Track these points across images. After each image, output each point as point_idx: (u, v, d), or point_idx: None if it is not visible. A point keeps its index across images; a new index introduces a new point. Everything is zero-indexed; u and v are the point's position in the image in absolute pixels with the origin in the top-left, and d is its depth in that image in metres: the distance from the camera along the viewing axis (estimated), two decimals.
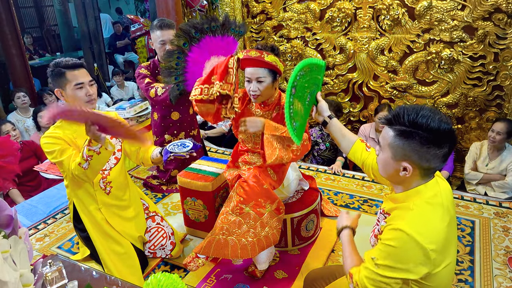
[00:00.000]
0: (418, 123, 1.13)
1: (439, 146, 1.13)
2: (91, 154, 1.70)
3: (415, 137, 1.13)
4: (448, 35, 3.19)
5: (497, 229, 2.44)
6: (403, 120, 1.15)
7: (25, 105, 4.27)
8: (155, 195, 3.05)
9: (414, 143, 1.14)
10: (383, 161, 1.23)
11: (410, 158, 1.15)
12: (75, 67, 1.83)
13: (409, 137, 1.14)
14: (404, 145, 1.15)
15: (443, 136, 1.12)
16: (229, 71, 1.86)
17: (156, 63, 2.85)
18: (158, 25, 2.67)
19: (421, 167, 1.17)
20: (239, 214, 1.90)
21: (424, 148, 1.13)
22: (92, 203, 1.97)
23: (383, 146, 1.22)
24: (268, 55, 1.86)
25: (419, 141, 1.13)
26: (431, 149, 1.13)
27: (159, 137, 2.99)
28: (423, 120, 1.12)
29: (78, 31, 7.66)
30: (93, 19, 7.29)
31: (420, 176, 1.20)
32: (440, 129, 1.11)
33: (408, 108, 1.17)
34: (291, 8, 3.69)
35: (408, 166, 1.16)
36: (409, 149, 1.15)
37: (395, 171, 1.20)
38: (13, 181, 1.74)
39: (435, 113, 1.14)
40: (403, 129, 1.15)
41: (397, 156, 1.18)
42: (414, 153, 1.14)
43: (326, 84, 3.78)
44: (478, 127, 3.37)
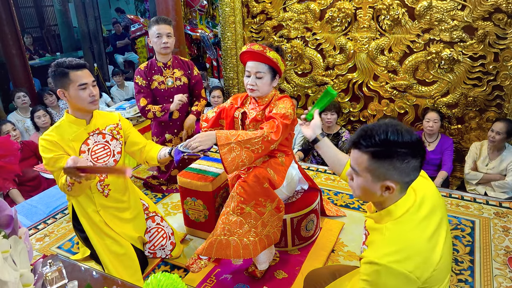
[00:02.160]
0: (391, 140, 1.10)
1: (415, 158, 1.12)
2: (73, 183, 1.72)
3: (393, 155, 1.11)
4: (448, 35, 3.19)
5: (497, 229, 2.44)
6: (374, 141, 1.12)
7: (25, 105, 4.26)
8: (155, 195, 3.05)
9: (394, 161, 1.11)
10: (362, 186, 1.19)
11: (392, 176, 1.13)
12: (78, 68, 1.83)
13: (387, 157, 1.11)
14: (384, 165, 1.12)
15: (416, 146, 1.12)
16: (235, 121, 2.02)
17: (154, 63, 2.87)
18: (155, 20, 2.75)
19: (403, 182, 1.15)
20: (240, 214, 1.91)
21: (404, 163, 1.11)
22: (90, 205, 1.97)
23: (360, 171, 1.18)
24: (270, 51, 1.89)
25: (398, 158, 1.10)
26: (410, 163, 1.11)
27: (160, 137, 3.00)
28: (395, 136, 1.10)
29: (78, 31, 7.66)
30: (93, 19, 7.29)
31: (399, 191, 1.17)
32: (413, 140, 1.11)
33: (373, 127, 1.14)
34: (291, 8, 3.69)
35: (391, 185, 1.13)
36: (390, 167, 1.12)
37: (376, 193, 1.17)
38: (13, 181, 1.75)
39: (400, 126, 1.12)
40: (377, 150, 1.12)
41: (378, 178, 1.14)
42: (395, 170, 1.12)
43: (326, 84, 3.78)
44: (478, 127, 3.37)
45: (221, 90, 4.32)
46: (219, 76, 5.98)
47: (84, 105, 1.86)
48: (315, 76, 3.78)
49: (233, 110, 2.07)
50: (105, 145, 1.98)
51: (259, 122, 2.03)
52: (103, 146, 1.97)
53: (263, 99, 2.05)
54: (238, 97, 2.19)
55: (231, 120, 2.08)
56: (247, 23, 3.95)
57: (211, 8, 6.68)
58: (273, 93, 2.06)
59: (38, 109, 3.76)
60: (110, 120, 2.05)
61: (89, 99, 1.85)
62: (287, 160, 2.14)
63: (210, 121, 2.17)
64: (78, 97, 1.84)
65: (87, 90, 1.84)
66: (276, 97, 2.05)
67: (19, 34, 4.87)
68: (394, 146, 1.10)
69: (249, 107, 2.10)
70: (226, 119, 2.10)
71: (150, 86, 2.84)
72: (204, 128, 2.18)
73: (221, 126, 2.19)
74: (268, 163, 2.06)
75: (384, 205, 1.20)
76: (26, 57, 5.07)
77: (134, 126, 3.81)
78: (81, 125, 1.92)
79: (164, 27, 2.72)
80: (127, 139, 2.09)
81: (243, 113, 2.04)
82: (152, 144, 2.13)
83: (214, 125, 2.16)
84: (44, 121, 3.69)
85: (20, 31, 4.93)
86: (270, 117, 1.95)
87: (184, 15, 5.66)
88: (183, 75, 2.93)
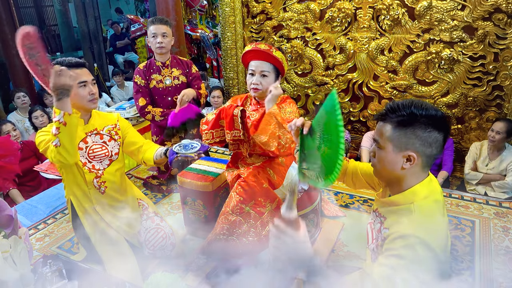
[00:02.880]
0: (415, 112, 1.15)
1: (438, 130, 1.15)
2: (58, 126, 1.64)
3: (416, 123, 1.15)
4: (448, 35, 3.18)
5: (497, 229, 2.44)
6: (400, 112, 1.17)
7: (25, 105, 4.26)
8: (155, 195, 3.05)
9: (416, 128, 1.15)
10: (384, 157, 1.21)
11: (413, 145, 1.16)
12: (78, 66, 1.84)
13: (410, 125, 1.15)
14: (406, 133, 1.16)
15: (440, 120, 1.15)
16: (234, 119, 1.99)
17: (153, 62, 2.90)
18: (151, 21, 2.79)
19: (424, 154, 1.17)
20: (240, 214, 1.91)
21: (426, 132, 1.15)
22: (87, 201, 1.98)
23: (382, 142, 1.20)
24: (276, 50, 1.89)
25: (420, 126, 1.14)
26: (432, 133, 1.15)
27: (159, 135, 3.00)
28: (419, 109, 1.15)
29: (78, 31, 7.66)
30: (93, 19, 7.29)
31: (421, 167, 1.19)
32: (438, 114, 1.15)
33: (400, 102, 1.19)
34: (291, 8, 3.69)
35: (413, 155, 1.16)
36: (412, 136, 1.15)
37: (397, 165, 1.19)
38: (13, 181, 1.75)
39: (426, 104, 1.18)
40: (401, 119, 1.16)
41: (399, 147, 1.17)
42: (417, 139, 1.15)
43: (326, 84, 3.78)
44: (478, 127, 3.37)
45: (221, 90, 4.32)
46: (219, 76, 5.98)
47: (83, 103, 1.86)
48: (315, 76, 3.78)
49: (232, 109, 2.06)
50: (103, 145, 1.98)
51: None
52: (101, 146, 1.98)
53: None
54: (238, 98, 2.19)
55: (230, 119, 2.07)
56: (247, 23, 3.95)
57: (211, 8, 6.69)
58: None
59: (35, 109, 3.76)
60: (109, 120, 2.05)
61: (89, 97, 1.86)
62: (287, 160, 2.14)
63: (210, 123, 2.14)
64: (78, 95, 1.84)
65: (87, 88, 1.85)
66: (279, 98, 2.05)
67: None
68: (417, 116, 1.14)
69: (250, 108, 2.09)
70: (226, 118, 2.09)
71: (148, 85, 2.86)
72: (205, 131, 2.15)
73: (221, 126, 2.17)
74: (268, 163, 2.06)
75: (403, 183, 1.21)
76: None
77: (134, 126, 3.81)
78: (79, 124, 1.92)
79: (160, 27, 2.74)
80: (124, 139, 2.09)
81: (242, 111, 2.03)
82: (150, 144, 2.12)
83: (214, 127, 2.13)
84: (42, 121, 3.69)
85: None
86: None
87: (184, 15, 5.66)
88: (181, 74, 2.94)
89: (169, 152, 1.91)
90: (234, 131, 1.97)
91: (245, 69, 4.08)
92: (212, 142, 2.11)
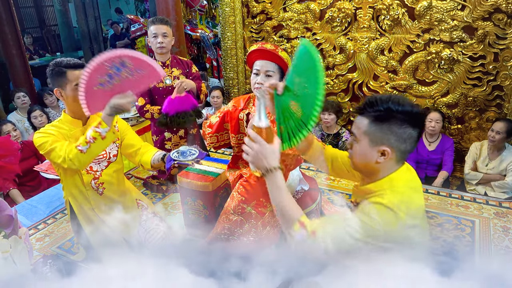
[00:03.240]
0: (392, 107, 1.18)
1: (413, 127, 1.19)
2: (96, 137, 1.70)
3: (392, 119, 1.18)
4: (448, 35, 3.18)
5: (497, 229, 2.44)
6: (377, 106, 1.20)
7: (25, 105, 4.26)
8: (155, 195, 3.05)
9: (391, 124, 1.18)
10: (360, 150, 1.25)
11: (388, 141, 1.20)
12: (76, 67, 1.82)
13: (385, 120, 1.19)
14: (382, 128, 1.20)
15: (416, 117, 1.19)
16: (240, 123, 2.00)
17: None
18: (151, 21, 2.80)
19: (399, 149, 1.21)
20: (241, 214, 1.91)
21: (401, 128, 1.18)
22: (86, 203, 1.98)
23: (359, 135, 1.25)
24: (282, 51, 1.89)
25: (396, 122, 1.18)
26: (407, 129, 1.19)
27: (159, 135, 3.00)
28: (396, 104, 1.18)
29: (78, 31, 7.67)
30: (93, 19, 7.29)
31: (395, 161, 1.24)
32: (413, 111, 1.19)
33: (378, 96, 1.22)
34: (291, 8, 3.69)
35: (387, 149, 1.20)
36: (387, 131, 1.19)
37: (372, 158, 1.23)
38: (13, 181, 1.75)
39: (404, 99, 1.20)
40: (378, 114, 1.20)
41: (375, 142, 1.21)
42: (392, 135, 1.19)
43: (326, 84, 3.78)
44: (478, 127, 3.37)
45: (220, 90, 4.32)
46: (219, 76, 5.98)
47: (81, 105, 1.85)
48: None
49: (237, 112, 2.05)
50: None
51: None
52: None
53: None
54: (240, 99, 2.16)
55: (236, 123, 2.06)
56: (247, 23, 3.95)
57: (211, 8, 6.68)
58: None
59: (34, 109, 3.75)
60: None
61: None
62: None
63: (214, 126, 2.13)
64: (75, 97, 1.82)
65: None
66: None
67: (19, 34, 4.87)
68: (393, 111, 1.18)
69: (253, 109, 2.09)
70: (231, 122, 2.08)
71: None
72: (209, 134, 2.14)
73: (226, 130, 2.16)
74: None
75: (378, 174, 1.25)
76: (26, 57, 5.07)
77: (134, 126, 3.81)
78: (77, 125, 1.91)
79: (160, 27, 2.74)
80: (123, 141, 2.08)
81: (247, 114, 2.03)
82: (148, 147, 2.10)
83: (218, 130, 2.12)
84: (41, 121, 3.69)
85: (20, 31, 4.93)
86: None
87: (184, 15, 5.66)
88: (181, 74, 2.94)
89: (167, 158, 1.89)
90: (239, 134, 1.98)
91: (244, 69, 4.09)
92: (217, 146, 2.14)
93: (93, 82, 1.62)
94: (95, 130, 1.70)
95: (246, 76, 4.14)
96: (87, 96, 1.64)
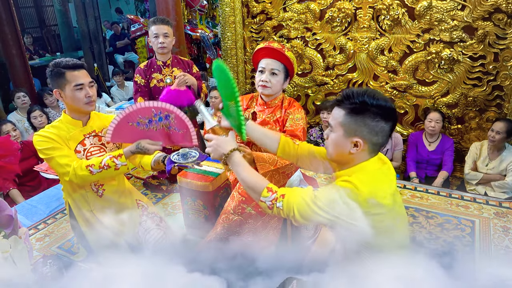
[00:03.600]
0: (367, 101, 1.25)
1: (386, 121, 1.26)
2: (111, 165, 1.77)
3: (366, 112, 1.25)
4: (448, 35, 3.18)
5: (497, 229, 2.44)
6: (353, 99, 1.27)
7: (25, 105, 4.26)
8: (155, 195, 3.05)
9: (365, 117, 1.25)
10: (334, 140, 1.32)
11: (361, 133, 1.27)
12: (75, 68, 1.81)
13: (360, 113, 1.26)
14: (356, 120, 1.26)
15: (389, 111, 1.27)
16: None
17: (154, 62, 2.91)
18: (152, 21, 2.80)
19: (371, 141, 1.28)
20: (241, 214, 1.91)
21: (374, 121, 1.25)
22: (85, 205, 1.97)
23: (335, 125, 1.32)
24: (288, 51, 1.90)
25: (369, 115, 1.25)
26: (379, 123, 1.26)
27: None
28: (371, 98, 1.25)
29: (78, 31, 7.67)
30: (93, 19, 7.29)
31: (368, 152, 1.30)
32: (387, 105, 1.26)
33: (354, 90, 1.30)
34: (291, 8, 3.69)
35: (359, 141, 1.26)
36: (361, 123, 1.26)
37: (345, 149, 1.30)
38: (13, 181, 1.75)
39: (378, 93, 1.28)
40: (353, 107, 1.27)
41: (349, 133, 1.28)
42: (365, 127, 1.26)
43: (326, 84, 3.78)
44: (478, 127, 3.37)
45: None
46: None
47: (79, 105, 1.85)
48: (315, 76, 3.78)
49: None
50: (101, 147, 1.97)
51: (268, 125, 2.02)
52: (99, 148, 1.96)
53: (273, 101, 2.03)
54: (243, 99, 2.17)
55: None
56: (247, 23, 3.95)
57: (211, 8, 6.69)
58: (281, 96, 2.05)
59: (34, 109, 3.75)
60: (108, 122, 2.03)
61: (85, 99, 1.84)
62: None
63: None
64: (74, 98, 1.82)
65: (83, 90, 1.82)
66: (286, 101, 2.04)
67: (19, 34, 4.87)
68: (368, 105, 1.25)
69: (256, 108, 2.08)
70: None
71: (149, 84, 2.87)
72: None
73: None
74: None
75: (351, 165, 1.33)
76: (26, 57, 5.07)
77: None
78: (77, 126, 1.91)
79: (162, 27, 2.75)
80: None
81: (252, 113, 2.02)
82: None
83: None
84: (40, 121, 3.68)
85: (20, 31, 4.93)
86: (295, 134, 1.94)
87: (184, 15, 5.66)
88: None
89: (167, 160, 1.89)
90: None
91: (244, 69, 4.09)
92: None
93: (132, 118, 1.72)
94: (113, 160, 1.78)
95: (246, 76, 4.14)
96: (118, 125, 1.72)
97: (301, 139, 1.94)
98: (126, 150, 1.80)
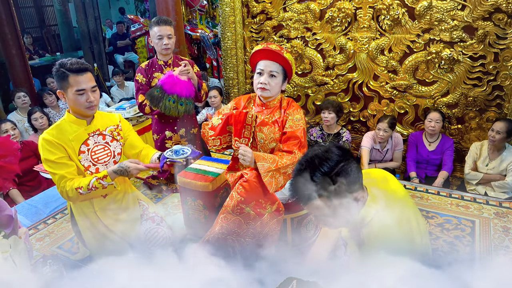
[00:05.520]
0: (327, 171, 1.29)
1: (350, 160, 1.33)
2: (98, 187, 1.81)
3: (334, 183, 1.29)
4: (448, 35, 3.18)
5: (497, 229, 2.43)
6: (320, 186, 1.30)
7: (25, 105, 4.25)
8: (155, 195, 3.05)
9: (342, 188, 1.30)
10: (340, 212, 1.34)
11: (348, 191, 1.31)
12: (79, 72, 1.80)
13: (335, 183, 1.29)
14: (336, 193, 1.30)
15: (343, 153, 1.33)
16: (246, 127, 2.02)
17: (155, 61, 2.91)
18: (155, 21, 2.77)
19: (360, 184, 1.37)
20: (239, 214, 1.90)
21: (351, 173, 1.31)
22: (89, 206, 1.97)
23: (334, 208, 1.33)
24: (287, 52, 1.89)
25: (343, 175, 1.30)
26: (352, 167, 1.32)
27: (160, 134, 3.00)
28: (326, 166, 1.30)
29: (78, 31, 7.67)
30: (93, 19, 7.29)
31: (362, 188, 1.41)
32: (339, 152, 1.32)
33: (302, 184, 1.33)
34: (291, 8, 3.69)
35: (355, 195, 1.33)
36: (340, 190, 1.30)
37: (352, 205, 1.34)
38: (13, 181, 1.75)
39: (323, 153, 1.33)
40: (326, 194, 1.29)
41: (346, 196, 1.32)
42: (351, 184, 1.31)
43: (326, 84, 3.78)
44: (478, 127, 3.37)
45: (218, 89, 4.32)
46: (219, 76, 5.98)
47: (81, 109, 1.86)
48: (315, 76, 3.78)
49: (242, 116, 2.02)
50: (105, 146, 1.98)
51: (266, 126, 2.02)
52: (103, 147, 1.97)
53: (271, 102, 2.02)
54: (241, 100, 2.15)
55: (241, 127, 2.03)
56: (247, 23, 3.95)
57: (211, 8, 6.68)
58: (279, 97, 2.05)
59: (34, 110, 3.71)
60: (111, 121, 2.05)
61: (86, 104, 1.84)
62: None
63: (217, 129, 2.10)
64: (75, 102, 1.83)
65: (85, 95, 1.82)
66: (284, 101, 2.04)
67: (19, 34, 4.87)
68: (332, 182, 1.30)
69: (254, 109, 2.08)
70: (235, 125, 2.04)
71: (150, 83, 2.87)
72: (211, 137, 2.13)
73: (229, 132, 2.14)
74: None
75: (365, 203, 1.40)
76: (26, 57, 5.07)
77: (134, 126, 3.81)
78: (81, 125, 1.92)
79: (165, 28, 2.74)
80: (126, 141, 2.09)
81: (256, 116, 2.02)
82: (149, 149, 2.12)
83: (221, 133, 2.10)
84: (41, 123, 3.67)
85: (20, 31, 4.93)
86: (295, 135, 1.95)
87: (184, 15, 5.66)
88: None
89: (161, 157, 1.93)
90: (243, 139, 1.97)
91: (244, 69, 4.08)
92: (219, 148, 2.13)
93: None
94: (99, 182, 1.83)
95: (246, 76, 4.14)
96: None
97: (302, 140, 1.94)
98: (110, 171, 1.86)
